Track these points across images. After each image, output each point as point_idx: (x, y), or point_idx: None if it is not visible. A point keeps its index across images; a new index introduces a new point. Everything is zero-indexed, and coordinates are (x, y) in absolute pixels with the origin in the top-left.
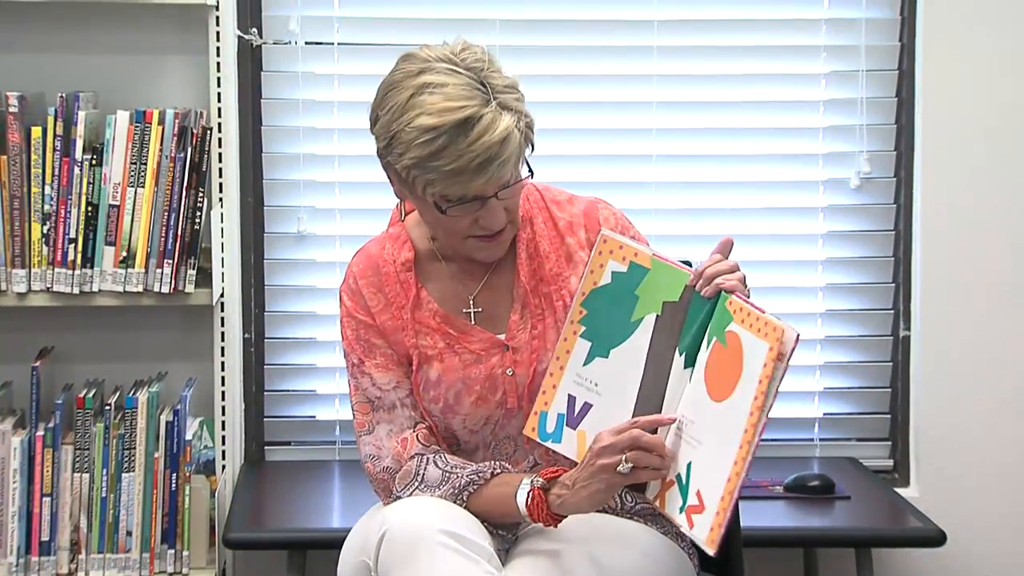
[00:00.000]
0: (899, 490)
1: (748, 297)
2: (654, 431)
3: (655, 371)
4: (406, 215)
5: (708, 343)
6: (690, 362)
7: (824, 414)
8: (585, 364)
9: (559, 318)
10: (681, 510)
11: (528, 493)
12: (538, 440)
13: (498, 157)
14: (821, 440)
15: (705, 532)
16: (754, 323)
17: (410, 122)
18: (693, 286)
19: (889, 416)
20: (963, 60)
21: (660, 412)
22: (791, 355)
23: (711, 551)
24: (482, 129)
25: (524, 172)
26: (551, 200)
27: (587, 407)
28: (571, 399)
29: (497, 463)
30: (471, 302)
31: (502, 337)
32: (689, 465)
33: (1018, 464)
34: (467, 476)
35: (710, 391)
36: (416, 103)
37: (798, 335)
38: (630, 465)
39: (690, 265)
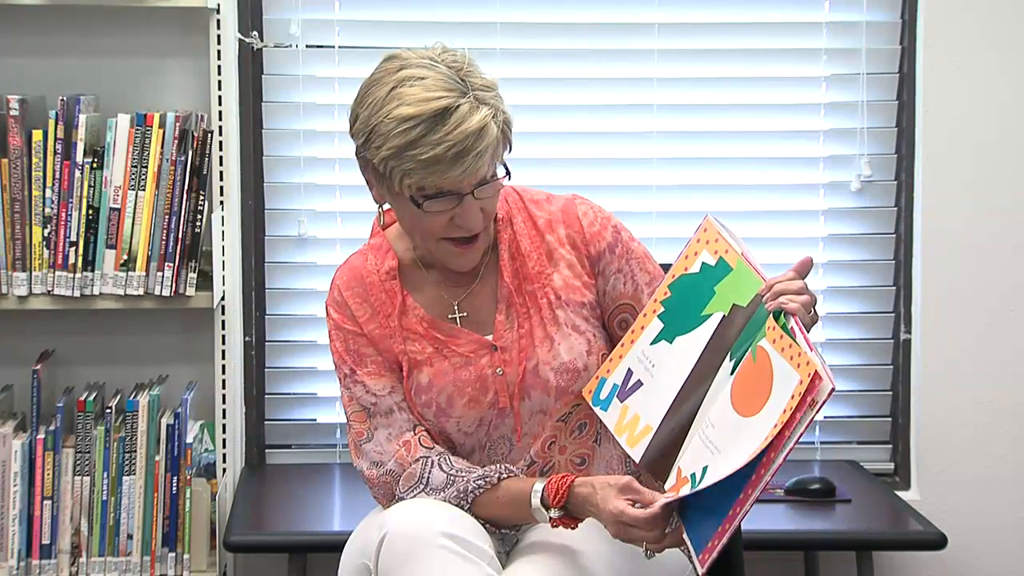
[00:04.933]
0: (900, 493)
1: (813, 323)
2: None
3: (703, 370)
4: (387, 225)
5: (744, 354)
6: (735, 369)
7: (825, 417)
8: (652, 344)
9: (544, 315)
10: None
11: (550, 520)
12: (590, 403)
13: (474, 148)
14: (822, 443)
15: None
16: (787, 349)
17: (389, 114)
18: (762, 296)
19: (890, 419)
20: (964, 63)
21: (697, 410)
22: (822, 406)
23: (699, 569)
24: (459, 118)
25: (501, 173)
26: (530, 200)
27: (638, 384)
28: (629, 373)
29: (503, 467)
30: (456, 307)
31: (489, 338)
32: (704, 469)
33: (1018, 467)
34: (474, 481)
35: (734, 402)
36: (395, 95)
37: (833, 388)
38: (652, 554)
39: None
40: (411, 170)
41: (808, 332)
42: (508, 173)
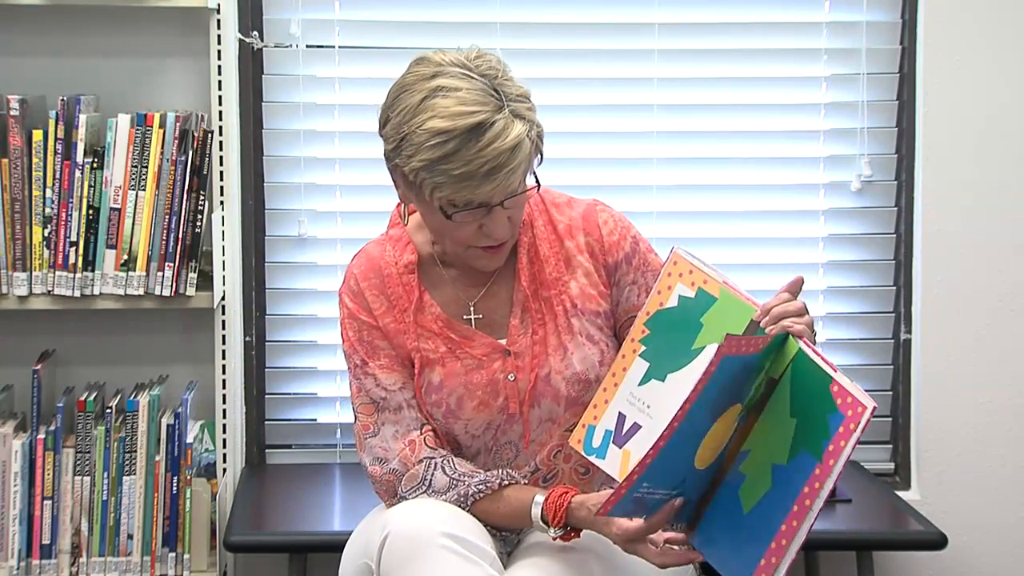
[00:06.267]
0: (900, 493)
1: (814, 342)
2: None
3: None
4: (408, 218)
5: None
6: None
7: None
8: (640, 384)
9: (559, 323)
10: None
11: (551, 538)
12: (582, 453)
13: (508, 164)
14: None
15: None
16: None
17: (421, 124)
18: (758, 322)
19: (890, 419)
20: (964, 63)
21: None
22: (863, 428)
23: None
24: (493, 135)
25: (531, 183)
26: (551, 203)
27: (636, 427)
28: (621, 417)
29: (505, 472)
30: (472, 308)
31: (503, 342)
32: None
33: (1018, 467)
34: (475, 486)
35: None
36: (428, 106)
37: (874, 407)
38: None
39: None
40: (442, 183)
41: None
42: (538, 184)
